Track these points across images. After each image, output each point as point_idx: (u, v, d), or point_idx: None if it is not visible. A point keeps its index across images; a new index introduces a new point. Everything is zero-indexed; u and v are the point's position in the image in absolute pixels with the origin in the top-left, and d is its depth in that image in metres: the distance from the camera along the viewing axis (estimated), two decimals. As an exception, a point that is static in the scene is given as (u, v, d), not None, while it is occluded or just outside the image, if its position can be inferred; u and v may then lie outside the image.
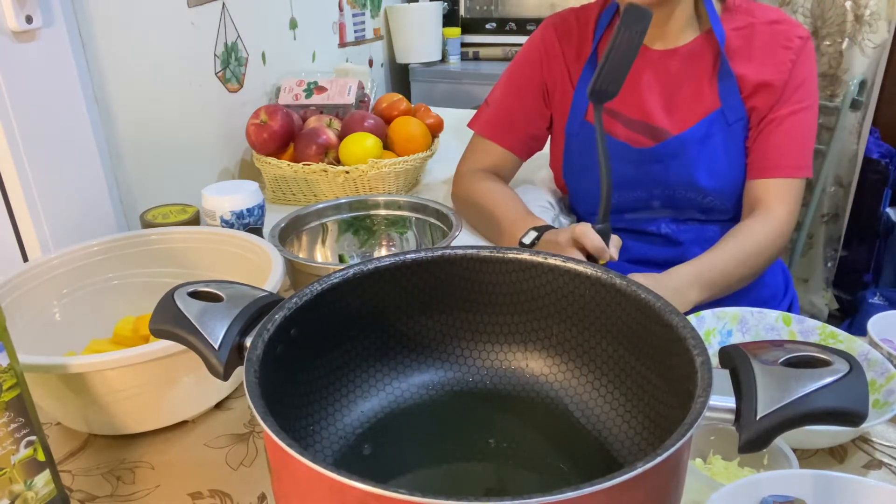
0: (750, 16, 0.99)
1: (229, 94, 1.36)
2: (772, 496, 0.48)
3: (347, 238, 0.98)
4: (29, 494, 0.51)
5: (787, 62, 0.96)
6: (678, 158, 0.99)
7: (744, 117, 0.98)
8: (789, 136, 0.97)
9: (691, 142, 0.98)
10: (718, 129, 0.98)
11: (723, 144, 0.98)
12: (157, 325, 0.47)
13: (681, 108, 1.00)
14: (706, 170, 0.98)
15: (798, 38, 0.96)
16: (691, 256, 0.92)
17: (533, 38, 1.10)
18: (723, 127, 0.98)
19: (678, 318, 0.44)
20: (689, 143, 0.98)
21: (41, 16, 0.91)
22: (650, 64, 1.00)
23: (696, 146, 0.98)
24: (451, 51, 2.29)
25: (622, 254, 1.01)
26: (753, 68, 0.97)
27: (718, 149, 0.98)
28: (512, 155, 1.11)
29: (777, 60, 0.96)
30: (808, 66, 0.97)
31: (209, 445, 0.66)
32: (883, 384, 0.64)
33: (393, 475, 0.50)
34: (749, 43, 0.97)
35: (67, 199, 1.00)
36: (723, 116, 0.97)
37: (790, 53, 0.96)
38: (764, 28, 0.97)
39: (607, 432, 0.51)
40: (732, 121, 0.98)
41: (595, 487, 0.31)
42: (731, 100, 0.97)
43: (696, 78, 0.99)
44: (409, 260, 0.53)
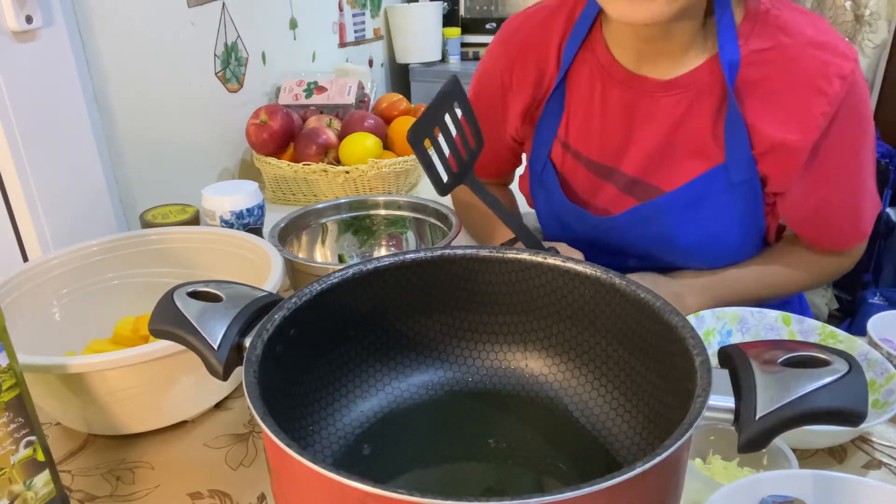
0: (782, 32, 0.71)
1: (229, 94, 1.36)
2: (771, 496, 0.48)
3: (347, 238, 0.98)
4: (28, 494, 0.51)
5: (820, 118, 0.70)
6: (654, 224, 0.80)
7: (753, 177, 0.75)
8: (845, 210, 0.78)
9: (674, 206, 0.78)
10: (718, 187, 0.76)
11: (720, 206, 0.77)
12: (156, 326, 0.47)
13: (672, 155, 0.78)
14: (692, 237, 0.79)
15: (839, 77, 0.69)
16: None
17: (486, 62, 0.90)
18: (723, 186, 0.76)
19: (678, 318, 0.44)
20: (672, 207, 0.78)
21: (41, 16, 0.91)
22: (639, 96, 0.78)
23: (681, 211, 0.78)
24: (451, 51, 2.29)
25: None
26: (772, 118, 0.72)
27: (713, 213, 0.78)
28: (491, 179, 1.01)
29: (806, 113, 0.70)
30: (854, 116, 0.72)
31: (209, 445, 0.66)
32: (883, 384, 0.64)
33: (393, 475, 0.50)
34: (773, 75, 0.71)
35: (67, 199, 1.00)
36: (726, 174, 0.75)
37: (826, 103, 0.69)
38: (797, 54, 0.70)
39: (607, 432, 0.51)
40: (738, 180, 0.75)
41: (594, 487, 0.31)
42: (739, 155, 0.74)
43: (696, 119, 0.76)
44: (408, 260, 0.53)
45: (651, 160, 0.79)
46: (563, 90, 0.83)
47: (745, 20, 0.73)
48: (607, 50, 0.80)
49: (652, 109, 0.78)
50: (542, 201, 0.89)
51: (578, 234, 0.86)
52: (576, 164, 0.84)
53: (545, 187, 0.87)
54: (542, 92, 0.85)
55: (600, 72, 0.80)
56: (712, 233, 0.79)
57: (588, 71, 0.81)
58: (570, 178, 0.86)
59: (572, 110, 0.83)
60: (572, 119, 0.84)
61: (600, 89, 0.80)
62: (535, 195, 0.90)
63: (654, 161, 0.79)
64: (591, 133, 0.82)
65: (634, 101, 0.78)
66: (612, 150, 0.81)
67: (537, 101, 0.86)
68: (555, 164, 0.86)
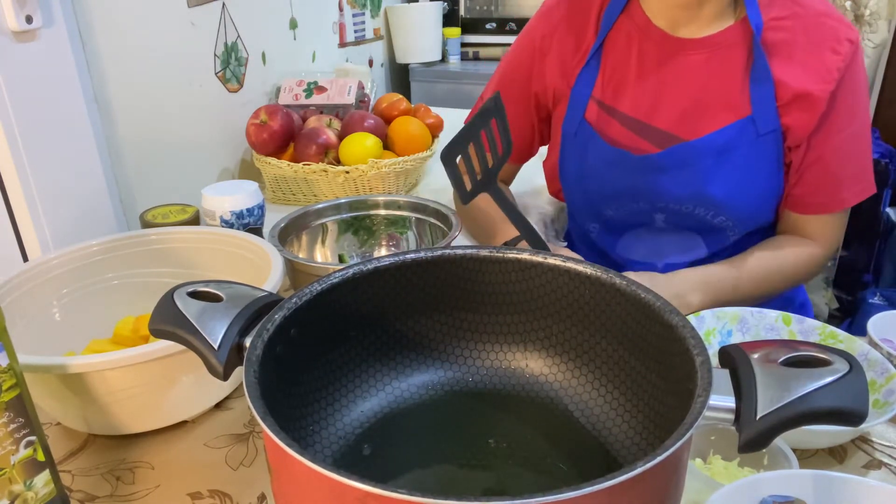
0: (795, 3, 0.82)
1: (229, 94, 1.36)
2: (771, 496, 0.48)
3: (347, 238, 0.98)
4: (29, 494, 0.50)
5: (835, 71, 0.80)
6: (688, 169, 0.85)
7: (777, 129, 0.82)
8: (837, 170, 0.84)
9: (707, 151, 0.83)
10: (746, 139, 0.83)
11: (748, 158, 0.83)
12: (156, 325, 0.47)
13: (703, 110, 0.84)
14: (723, 184, 0.84)
15: (848, 41, 0.80)
16: None
17: (526, 32, 0.97)
18: (751, 138, 0.82)
19: (678, 318, 0.44)
20: (705, 152, 0.84)
21: (41, 16, 0.91)
22: (673, 54, 0.85)
23: (713, 157, 0.84)
24: (451, 51, 2.29)
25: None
26: (794, 72, 0.81)
27: (741, 162, 0.83)
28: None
29: (823, 66, 0.80)
30: (858, 78, 0.82)
31: (209, 445, 0.66)
32: (883, 384, 0.64)
33: (393, 475, 0.50)
34: (792, 38, 0.81)
35: (67, 199, 1.00)
36: (753, 125, 0.82)
37: (839, 60, 0.80)
38: (810, 21, 0.81)
39: (607, 432, 0.51)
40: (764, 131, 0.82)
41: (595, 487, 0.31)
42: (764, 107, 0.81)
43: (725, 75, 0.83)
44: (408, 260, 0.53)
45: (683, 115, 0.85)
46: (599, 54, 0.90)
47: None
48: (644, 15, 0.87)
49: (684, 66, 0.85)
50: (574, 165, 0.92)
51: (614, 186, 0.89)
52: (610, 121, 0.89)
53: (579, 147, 0.91)
54: (581, 54, 0.91)
55: (637, 33, 0.87)
56: (741, 184, 0.85)
57: (625, 34, 0.88)
58: (605, 134, 0.90)
59: (608, 71, 0.89)
60: (609, 79, 0.89)
61: (637, 49, 0.87)
62: (566, 163, 0.93)
63: (687, 116, 0.85)
64: (626, 90, 0.88)
65: (668, 59, 0.86)
66: (646, 105, 0.87)
67: (575, 61, 0.92)
68: (590, 123, 0.90)
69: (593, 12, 0.90)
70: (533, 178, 1.19)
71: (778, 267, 0.86)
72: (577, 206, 0.97)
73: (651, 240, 0.94)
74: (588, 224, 0.98)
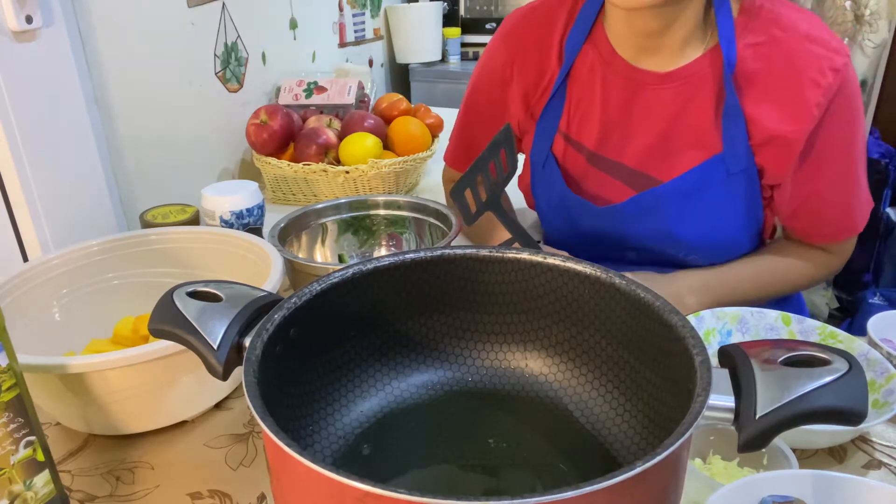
0: (775, 26, 0.74)
1: (229, 94, 1.36)
2: (771, 496, 0.48)
3: (347, 238, 0.98)
4: (28, 494, 0.50)
5: (814, 108, 0.72)
6: (654, 214, 0.81)
7: (749, 167, 0.77)
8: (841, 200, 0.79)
9: (674, 195, 0.79)
10: (716, 177, 0.77)
11: (718, 196, 0.78)
12: (155, 325, 0.47)
13: (671, 146, 0.79)
14: (691, 226, 0.80)
15: (832, 70, 0.71)
16: None
17: (486, 58, 0.91)
18: (721, 176, 0.77)
19: (677, 318, 0.44)
20: (671, 196, 0.79)
21: (41, 16, 0.91)
22: (639, 88, 0.79)
23: (681, 199, 0.79)
24: (451, 51, 2.29)
25: None
26: (769, 110, 0.74)
27: (712, 201, 0.79)
28: None
29: (801, 104, 0.72)
30: (846, 109, 0.74)
31: (209, 445, 0.66)
32: (882, 384, 0.64)
33: (392, 475, 0.50)
34: (768, 68, 0.73)
35: (67, 199, 1.00)
36: (723, 163, 0.77)
37: (820, 95, 0.71)
38: (792, 47, 0.73)
39: (607, 432, 0.51)
40: (735, 170, 0.77)
41: (594, 487, 0.31)
42: (736, 145, 0.76)
43: (695, 110, 0.77)
44: (408, 260, 0.53)
45: (651, 152, 0.81)
46: (564, 84, 0.84)
47: (741, 14, 0.76)
48: (609, 44, 0.81)
49: (652, 101, 0.79)
50: (543, 196, 0.90)
51: (580, 226, 0.87)
52: (577, 157, 0.85)
53: (546, 181, 0.88)
54: (544, 86, 0.86)
55: (602, 65, 0.82)
56: (711, 224, 0.80)
57: (590, 65, 0.82)
58: (571, 171, 0.86)
59: (574, 103, 0.84)
60: (574, 112, 0.85)
61: (601, 82, 0.82)
62: (536, 190, 0.90)
63: (655, 153, 0.80)
64: (592, 125, 0.83)
65: (635, 94, 0.80)
66: (613, 142, 0.83)
67: (538, 93, 0.87)
68: (556, 157, 0.87)
69: (555, 38, 0.84)
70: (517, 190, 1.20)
71: (782, 274, 0.84)
72: (549, 233, 0.94)
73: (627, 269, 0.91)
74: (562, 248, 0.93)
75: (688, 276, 0.83)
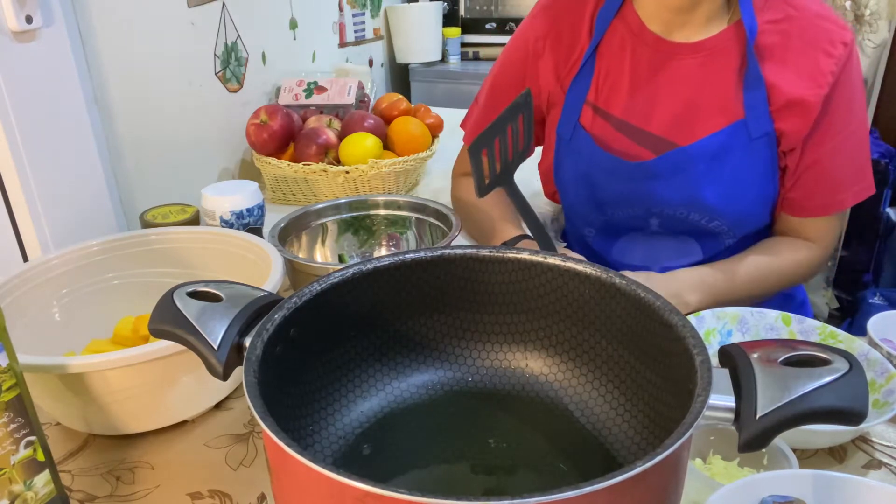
0: (789, 5, 0.82)
1: (229, 94, 1.36)
2: (771, 496, 0.48)
3: (347, 238, 0.98)
4: (28, 494, 0.50)
5: (829, 75, 0.79)
6: (682, 175, 0.84)
7: (770, 132, 0.82)
8: (835, 172, 0.84)
9: (701, 156, 0.83)
10: (738, 142, 0.82)
11: (741, 161, 0.83)
12: (156, 325, 0.47)
13: (697, 114, 0.84)
14: (716, 189, 0.84)
15: (842, 43, 0.80)
16: None
17: (520, 32, 0.96)
18: (744, 141, 0.82)
19: (678, 318, 0.44)
20: (698, 157, 0.83)
21: (41, 16, 0.91)
22: (667, 59, 0.85)
23: (707, 161, 0.83)
24: (451, 51, 2.29)
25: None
26: (787, 77, 0.80)
27: (735, 166, 0.83)
28: None
29: (817, 70, 0.80)
30: (853, 80, 0.82)
31: (209, 445, 0.66)
32: (883, 384, 0.64)
33: (392, 475, 0.50)
34: (785, 41, 0.81)
35: (67, 199, 1.00)
36: (745, 129, 0.82)
37: (833, 63, 0.79)
38: (804, 24, 0.80)
39: (607, 432, 0.51)
40: (756, 135, 0.82)
41: (594, 487, 0.31)
42: (757, 111, 0.81)
43: (718, 80, 0.83)
44: (408, 260, 0.53)
45: (677, 119, 0.85)
46: (594, 57, 0.89)
47: None
48: (638, 18, 0.87)
49: (678, 71, 0.85)
50: (570, 169, 0.92)
51: (606, 192, 0.89)
52: (605, 125, 0.89)
53: (574, 152, 0.91)
54: (574, 59, 0.90)
55: (631, 37, 0.87)
56: (734, 188, 0.84)
57: (619, 38, 0.87)
58: (600, 138, 0.90)
59: (602, 75, 0.88)
60: (602, 83, 0.89)
61: (630, 53, 0.87)
62: (562, 165, 0.93)
63: (680, 120, 0.85)
64: (620, 94, 0.87)
65: (662, 63, 0.86)
66: (640, 110, 0.87)
67: (569, 67, 0.91)
68: (584, 126, 0.90)
69: (587, 14, 0.89)
70: (530, 180, 1.19)
71: (775, 269, 0.87)
72: (573, 210, 0.97)
73: (647, 244, 0.94)
74: (584, 228, 0.98)
75: (686, 275, 0.84)
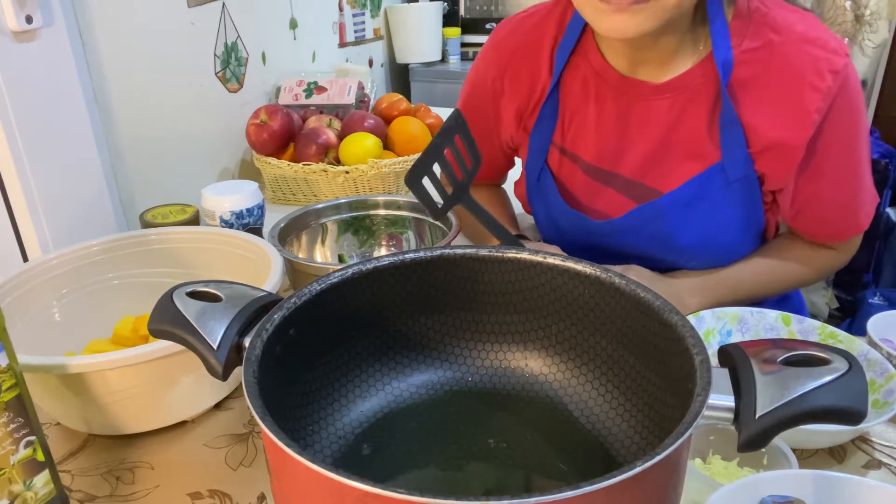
0: (771, 30, 0.71)
1: (229, 94, 1.36)
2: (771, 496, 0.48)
3: (347, 238, 0.98)
4: (28, 495, 0.50)
5: (814, 113, 0.70)
6: (653, 225, 0.79)
7: (749, 175, 0.76)
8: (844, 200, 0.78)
9: (674, 205, 0.77)
10: (714, 186, 0.76)
11: (716, 205, 0.77)
12: (155, 326, 0.47)
13: (668, 156, 0.78)
14: (690, 235, 0.79)
15: (832, 72, 0.69)
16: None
17: (475, 71, 0.90)
18: (720, 185, 0.76)
19: (677, 318, 0.44)
20: (671, 207, 0.78)
21: (41, 16, 0.91)
22: (633, 101, 0.78)
23: (681, 208, 0.77)
24: (451, 51, 2.29)
25: None
26: (766, 118, 0.72)
27: (710, 211, 0.77)
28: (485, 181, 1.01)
29: (801, 108, 0.70)
30: (847, 113, 0.72)
31: (209, 445, 0.66)
32: (882, 384, 0.64)
33: (392, 475, 0.50)
34: (765, 73, 0.71)
35: (67, 199, 1.00)
36: (722, 173, 0.75)
37: (819, 99, 0.69)
38: (787, 50, 0.71)
39: (607, 432, 0.51)
40: (734, 178, 0.75)
41: (594, 487, 0.31)
42: (734, 154, 0.74)
43: (690, 121, 0.76)
44: (408, 260, 0.53)
45: (648, 163, 0.80)
46: (556, 95, 0.83)
47: (736, 19, 0.73)
48: (600, 55, 0.80)
49: (646, 113, 0.78)
50: (540, 208, 0.89)
51: (577, 239, 0.86)
52: (573, 169, 0.85)
53: (542, 193, 0.87)
54: (536, 98, 0.84)
55: (594, 77, 0.81)
56: (711, 231, 0.79)
57: (581, 76, 0.82)
58: (567, 184, 0.86)
59: (567, 115, 0.83)
60: (568, 124, 0.84)
61: (594, 94, 0.81)
62: (533, 202, 0.90)
63: (652, 163, 0.79)
64: (587, 137, 0.82)
65: (629, 105, 0.79)
66: (609, 153, 0.81)
67: (531, 106, 0.85)
68: (552, 169, 0.86)
69: (545, 51, 0.83)
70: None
71: (783, 272, 0.83)
72: (549, 241, 0.92)
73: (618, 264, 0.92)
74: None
75: (688, 277, 0.83)
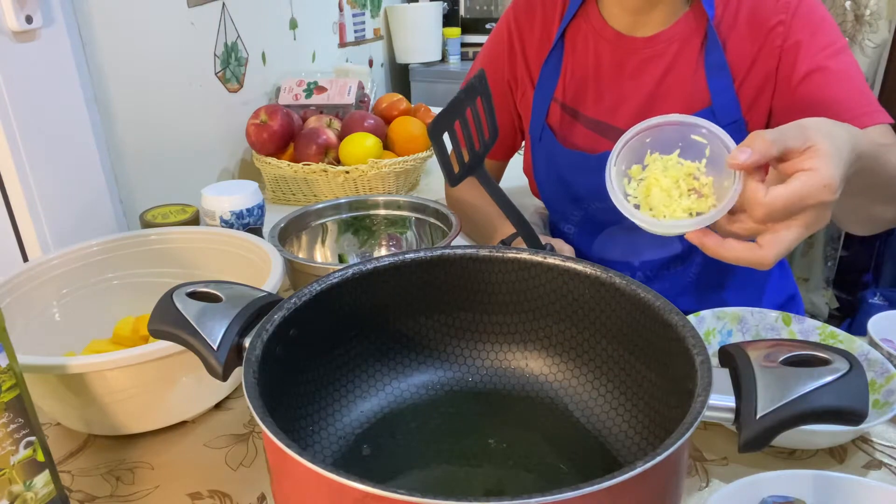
0: None
1: (229, 94, 1.36)
2: (771, 496, 0.48)
3: (347, 238, 0.97)
4: (28, 495, 0.50)
5: (778, 26, 0.78)
6: None
7: (738, 119, 0.81)
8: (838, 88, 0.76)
9: None
10: None
11: None
12: (155, 326, 0.47)
13: (661, 105, 0.85)
14: None
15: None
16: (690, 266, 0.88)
17: (497, 28, 0.97)
18: None
19: (677, 318, 0.44)
20: None
21: (41, 16, 0.91)
22: (627, 55, 0.85)
23: None
24: (451, 51, 2.29)
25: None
26: (742, 49, 0.80)
27: None
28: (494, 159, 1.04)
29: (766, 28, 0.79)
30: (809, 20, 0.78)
31: (209, 446, 0.66)
32: (883, 384, 0.64)
33: (392, 475, 0.50)
34: (739, 14, 0.80)
35: (67, 199, 1.00)
36: (713, 116, 0.81)
37: (781, 11, 0.78)
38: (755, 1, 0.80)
39: (607, 432, 0.51)
40: (725, 122, 0.80)
41: (594, 487, 0.31)
42: (723, 97, 0.81)
43: (681, 68, 0.83)
44: (408, 260, 0.53)
45: (641, 111, 0.85)
46: (560, 52, 0.90)
47: None
48: (599, 15, 0.88)
49: (639, 65, 0.85)
50: (543, 167, 0.93)
51: (578, 188, 0.89)
52: (573, 123, 0.90)
53: (544, 151, 0.91)
54: (544, 44, 0.91)
55: (593, 34, 0.88)
56: None
57: (583, 34, 0.88)
58: (568, 137, 0.90)
59: (569, 72, 0.89)
60: (570, 80, 0.89)
61: (593, 49, 0.88)
62: (537, 163, 0.94)
63: (645, 112, 0.85)
64: (587, 91, 0.88)
65: (623, 59, 0.86)
66: (606, 106, 0.88)
67: (540, 54, 0.92)
68: (552, 127, 0.91)
69: (557, 4, 0.91)
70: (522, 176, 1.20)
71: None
72: (552, 207, 0.98)
73: (626, 238, 0.93)
74: (564, 225, 0.98)
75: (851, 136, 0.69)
